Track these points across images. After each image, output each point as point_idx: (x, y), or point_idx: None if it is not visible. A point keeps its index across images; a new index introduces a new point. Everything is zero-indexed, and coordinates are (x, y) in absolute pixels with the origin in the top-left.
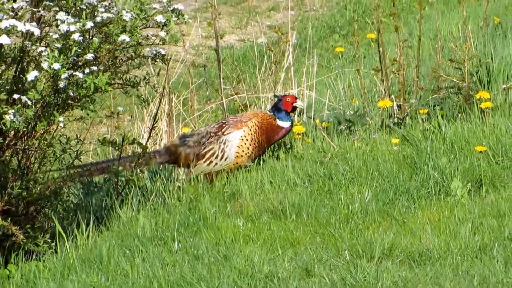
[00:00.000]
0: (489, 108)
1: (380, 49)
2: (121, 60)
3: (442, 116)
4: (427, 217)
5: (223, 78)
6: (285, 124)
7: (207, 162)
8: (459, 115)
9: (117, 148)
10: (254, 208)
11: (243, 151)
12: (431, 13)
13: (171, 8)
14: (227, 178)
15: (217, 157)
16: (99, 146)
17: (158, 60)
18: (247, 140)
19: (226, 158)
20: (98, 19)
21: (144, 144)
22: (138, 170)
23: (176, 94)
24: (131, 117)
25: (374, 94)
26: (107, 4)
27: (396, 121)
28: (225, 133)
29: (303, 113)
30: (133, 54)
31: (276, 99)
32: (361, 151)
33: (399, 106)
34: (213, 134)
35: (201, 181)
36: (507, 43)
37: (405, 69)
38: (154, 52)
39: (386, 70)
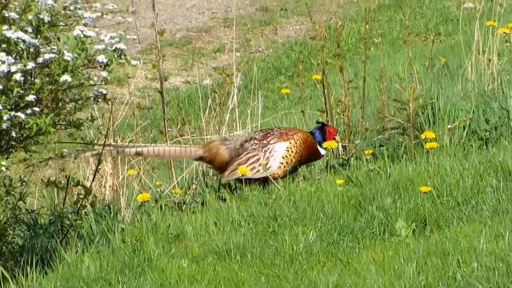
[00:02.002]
0: (434, 148)
1: (325, 90)
2: (64, 101)
3: (387, 157)
4: (371, 257)
5: (168, 120)
6: (322, 151)
7: (250, 167)
8: (404, 155)
9: (61, 190)
10: (198, 249)
11: (286, 162)
12: (377, 54)
13: (113, 48)
14: (173, 218)
15: (260, 164)
16: (44, 188)
17: (100, 100)
18: (292, 152)
19: (269, 167)
20: (40, 59)
21: (88, 186)
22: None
23: (121, 136)
24: (75, 159)
25: None
26: (50, 45)
27: (341, 162)
28: (271, 142)
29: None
30: (77, 96)
31: (318, 124)
32: (305, 192)
33: (344, 147)
34: (257, 141)
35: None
36: (453, 83)
37: (350, 110)
38: (96, 92)
39: (331, 111)
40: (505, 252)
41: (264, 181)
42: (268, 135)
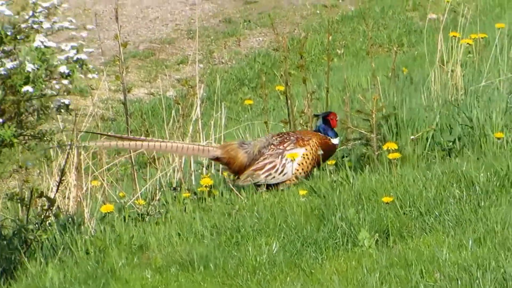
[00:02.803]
0: (397, 159)
1: (288, 101)
2: (26, 112)
3: (350, 168)
4: (334, 268)
5: (131, 132)
6: (337, 140)
7: (266, 174)
8: (367, 166)
9: (24, 202)
10: (162, 260)
11: (302, 169)
12: (340, 65)
13: (75, 59)
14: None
15: (276, 171)
16: (8, 200)
17: (63, 110)
18: (308, 158)
19: (285, 174)
20: (2, 71)
21: (52, 197)
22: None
23: (85, 147)
24: (40, 172)
25: None
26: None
27: None
28: (287, 148)
29: (211, 166)
30: (39, 107)
31: (319, 118)
32: (269, 203)
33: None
34: (274, 147)
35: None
36: (416, 94)
37: (313, 121)
38: (59, 102)
39: (295, 122)
40: (468, 263)
41: (278, 185)
42: (285, 140)
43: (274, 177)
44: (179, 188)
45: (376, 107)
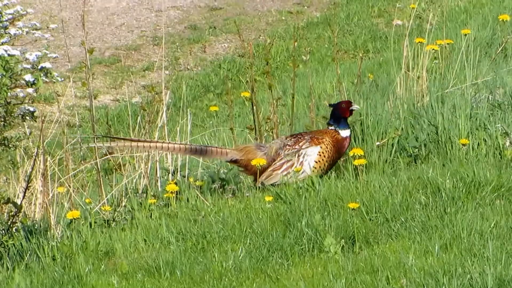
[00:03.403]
0: (362, 165)
1: (254, 107)
2: None
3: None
4: (300, 274)
5: (97, 138)
6: (347, 132)
7: (284, 173)
8: (333, 172)
9: None
10: (128, 266)
11: (320, 166)
12: (305, 71)
13: (40, 67)
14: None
15: (294, 170)
16: None
17: (28, 118)
18: (324, 156)
19: (303, 171)
20: None
21: (19, 203)
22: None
23: (51, 154)
24: (6, 178)
25: None
26: None
27: None
28: (303, 147)
29: (177, 172)
30: (5, 114)
31: (331, 108)
32: (234, 209)
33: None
34: (289, 147)
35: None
36: (382, 100)
37: (278, 127)
38: (24, 110)
39: (260, 129)
40: (434, 269)
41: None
42: (299, 140)
43: (292, 175)
44: (145, 194)
45: None
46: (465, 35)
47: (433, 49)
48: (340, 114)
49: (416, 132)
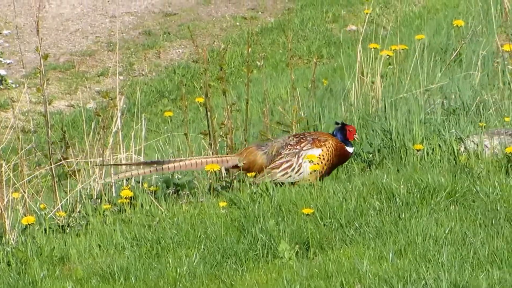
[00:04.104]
0: (316, 171)
1: (208, 113)
2: None
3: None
4: (255, 280)
5: (52, 144)
6: (351, 149)
7: (282, 172)
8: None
9: None
10: (83, 271)
11: (318, 169)
12: (259, 77)
13: None
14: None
15: (293, 170)
16: None
17: None
18: (324, 159)
19: (301, 173)
20: None
21: None
22: None
23: (6, 159)
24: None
25: None
26: None
27: (224, 184)
28: (304, 148)
29: (131, 178)
30: None
31: (338, 125)
32: (189, 215)
33: (227, 170)
34: (290, 147)
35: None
36: (336, 106)
37: (233, 133)
38: None
39: (214, 134)
40: (389, 274)
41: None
42: (302, 140)
43: (290, 176)
44: (99, 200)
45: (295, 118)
46: (420, 40)
47: (387, 55)
48: (345, 135)
49: (370, 138)
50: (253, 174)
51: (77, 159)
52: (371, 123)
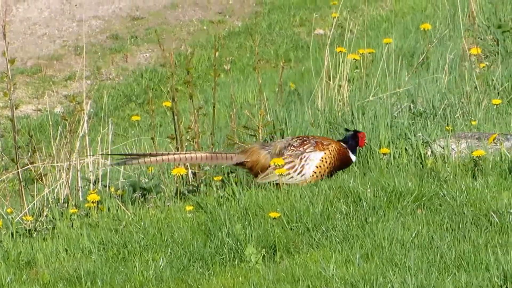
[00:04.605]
0: (283, 175)
1: (175, 117)
2: None
3: (236, 183)
4: (221, 284)
5: (19, 148)
6: (353, 158)
7: (284, 173)
8: (254, 181)
9: None
10: (49, 275)
11: (319, 172)
12: (227, 81)
13: None
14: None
15: (295, 171)
16: None
17: None
18: (326, 162)
19: (303, 175)
20: None
21: None
22: None
23: None
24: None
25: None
26: None
27: (191, 188)
28: (307, 150)
29: (98, 182)
30: None
31: (349, 133)
32: (155, 219)
33: (194, 174)
34: (293, 148)
35: None
36: (302, 110)
37: (200, 137)
38: None
39: (181, 138)
40: (355, 278)
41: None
42: (305, 142)
43: (292, 177)
44: (66, 204)
45: (262, 122)
46: (387, 44)
47: (354, 59)
48: (357, 142)
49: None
50: (255, 174)
51: (44, 163)
52: (337, 127)
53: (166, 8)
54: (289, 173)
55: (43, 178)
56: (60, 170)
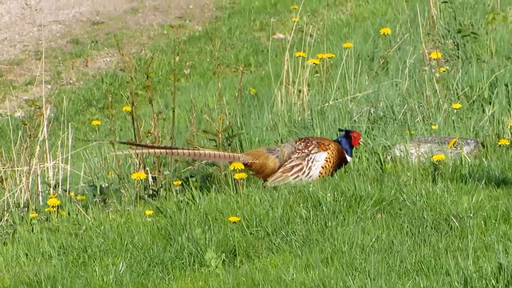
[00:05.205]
0: (243, 179)
1: (135, 121)
2: None
3: (196, 188)
4: None
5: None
6: (349, 158)
7: (294, 176)
8: (214, 186)
9: None
10: (10, 280)
11: (325, 172)
12: (187, 85)
13: None
14: None
15: (303, 173)
16: None
17: None
18: (330, 162)
19: (310, 176)
20: None
21: None
22: None
23: None
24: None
25: (130, 167)
26: None
27: (151, 193)
28: (312, 152)
29: (58, 186)
30: None
31: (342, 133)
32: (115, 223)
33: (154, 178)
34: (299, 151)
35: None
36: (262, 114)
37: (160, 141)
38: None
39: (141, 142)
40: (315, 283)
41: None
42: (308, 144)
43: (301, 179)
44: (26, 208)
45: (222, 127)
46: (347, 48)
47: (313, 63)
48: (352, 142)
49: None
50: (263, 176)
51: (4, 168)
52: (297, 131)
53: (127, 12)
54: (297, 175)
55: (4, 182)
56: (20, 175)
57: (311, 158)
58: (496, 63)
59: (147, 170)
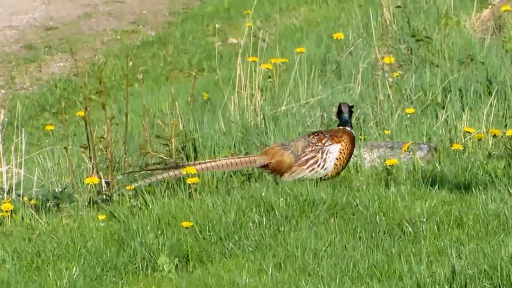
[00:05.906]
0: (196, 184)
1: (88, 126)
2: None
3: (149, 193)
4: None
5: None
6: (354, 131)
7: (310, 169)
8: (167, 191)
9: None
10: None
11: (340, 164)
12: (140, 90)
13: None
14: None
15: (319, 165)
16: None
17: None
18: (344, 154)
19: (326, 168)
20: None
21: None
22: None
23: None
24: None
25: (83, 171)
26: None
27: (104, 197)
28: (326, 144)
29: (12, 190)
30: None
31: (344, 114)
32: (69, 228)
33: (107, 183)
34: (313, 144)
35: None
36: (215, 119)
37: (113, 146)
38: None
39: (94, 147)
40: (268, 287)
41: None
42: (321, 137)
43: (317, 171)
44: None
45: (175, 132)
46: (300, 53)
47: (267, 68)
48: (349, 115)
49: (248, 151)
50: (280, 174)
51: None
52: (250, 136)
53: (80, 18)
54: (313, 168)
55: None
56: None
57: (325, 151)
58: (449, 67)
59: (100, 175)
